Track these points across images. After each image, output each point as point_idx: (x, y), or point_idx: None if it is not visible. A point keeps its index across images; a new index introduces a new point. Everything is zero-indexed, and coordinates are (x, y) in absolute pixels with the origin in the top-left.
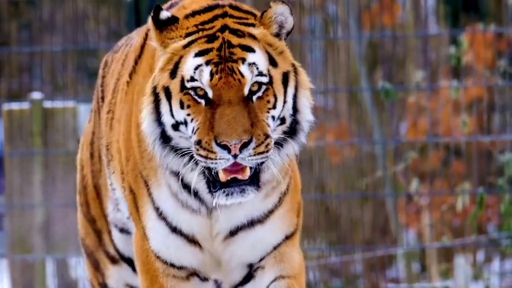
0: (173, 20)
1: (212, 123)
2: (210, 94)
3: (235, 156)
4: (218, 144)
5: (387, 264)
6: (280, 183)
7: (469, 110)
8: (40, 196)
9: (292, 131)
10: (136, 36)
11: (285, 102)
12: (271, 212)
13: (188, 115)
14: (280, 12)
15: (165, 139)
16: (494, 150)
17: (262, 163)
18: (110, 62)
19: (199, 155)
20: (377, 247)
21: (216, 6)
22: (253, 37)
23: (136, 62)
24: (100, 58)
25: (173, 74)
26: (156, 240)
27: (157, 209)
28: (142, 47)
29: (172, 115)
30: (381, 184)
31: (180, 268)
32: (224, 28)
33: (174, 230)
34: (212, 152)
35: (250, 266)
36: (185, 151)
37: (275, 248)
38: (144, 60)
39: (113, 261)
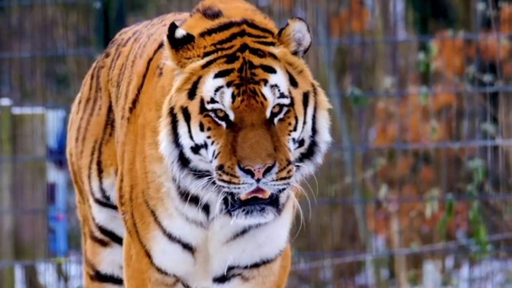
0: (189, 38)
1: (234, 147)
2: (232, 116)
3: (257, 181)
4: (242, 169)
5: (356, 270)
6: None
7: (438, 116)
8: (9, 202)
9: (309, 153)
10: (145, 32)
11: (304, 123)
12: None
13: (209, 137)
14: (298, 29)
15: (183, 161)
16: (463, 156)
17: (283, 189)
18: (114, 54)
19: (222, 180)
20: (346, 253)
21: (232, 24)
22: (273, 56)
23: (138, 91)
24: (68, 64)
25: (191, 94)
26: (163, 259)
27: (169, 235)
28: (144, 76)
29: (191, 137)
30: (350, 191)
31: (173, 276)
32: (244, 47)
33: (185, 246)
34: (235, 177)
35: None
36: (204, 173)
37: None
38: (147, 93)
39: (103, 244)
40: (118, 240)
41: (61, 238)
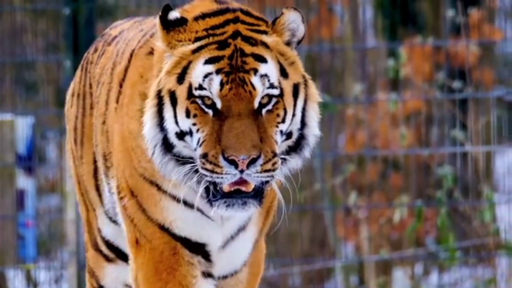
0: (182, 21)
1: (219, 136)
2: (219, 104)
3: (241, 172)
4: (226, 159)
5: (325, 277)
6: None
7: (407, 122)
8: None
9: (297, 146)
10: (127, 32)
11: (293, 115)
12: (250, 219)
13: (194, 124)
14: (293, 19)
15: (166, 146)
16: (432, 163)
17: (267, 182)
18: (100, 51)
19: (205, 169)
20: (315, 260)
21: (227, 10)
22: (265, 45)
23: (121, 85)
24: (38, 70)
25: (180, 79)
26: (185, 226)
27: (185, 202)
28: (126, 69)
29: (177, 123)
30: (319, 197)
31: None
32: (236, 34)
33: (202, 213)
34: (218, 166)
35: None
36: (187, 160)
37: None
38: (129, 78)
39: (108, 259)
40: (124, 257)
41: (30, 244)
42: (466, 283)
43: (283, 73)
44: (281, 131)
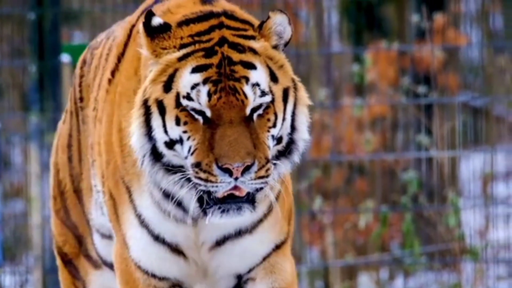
0: (166, 27)
1: (212, 144)
2: (209, 114)
3: (235, 179)
4: (220, 167)
5: None
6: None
7: (373, 127)
8: None
9: (286, 150)
10: (118, 29)
11: (284, 119)
12: (260, 221)
13: (185, 132)
14: (279, 22)
15: (155, 155)
16: (397, 168)
17: (261, 188)
18: (89, 59)
19: (199, 178)
20: None
21: (211, 15)
22: (253, 51)
23: (119, 60)
24: (3, 75)
25: (167, 87)
26: (136, 248)
27: (139, 216)
28: (126, 44)
29: (166, 132)
30: None
31: (162, 279)
32: (222, 41)
33: (157, 238)
34: (212, 175)
35: (239, 277)
36: (177, 168)
37: (264, 258)
38: (127, 60)
39: (96, 265)
40: (107, 263)
41: None
42: (431, 287)
43: (273, 78)
44: (273, 136)
